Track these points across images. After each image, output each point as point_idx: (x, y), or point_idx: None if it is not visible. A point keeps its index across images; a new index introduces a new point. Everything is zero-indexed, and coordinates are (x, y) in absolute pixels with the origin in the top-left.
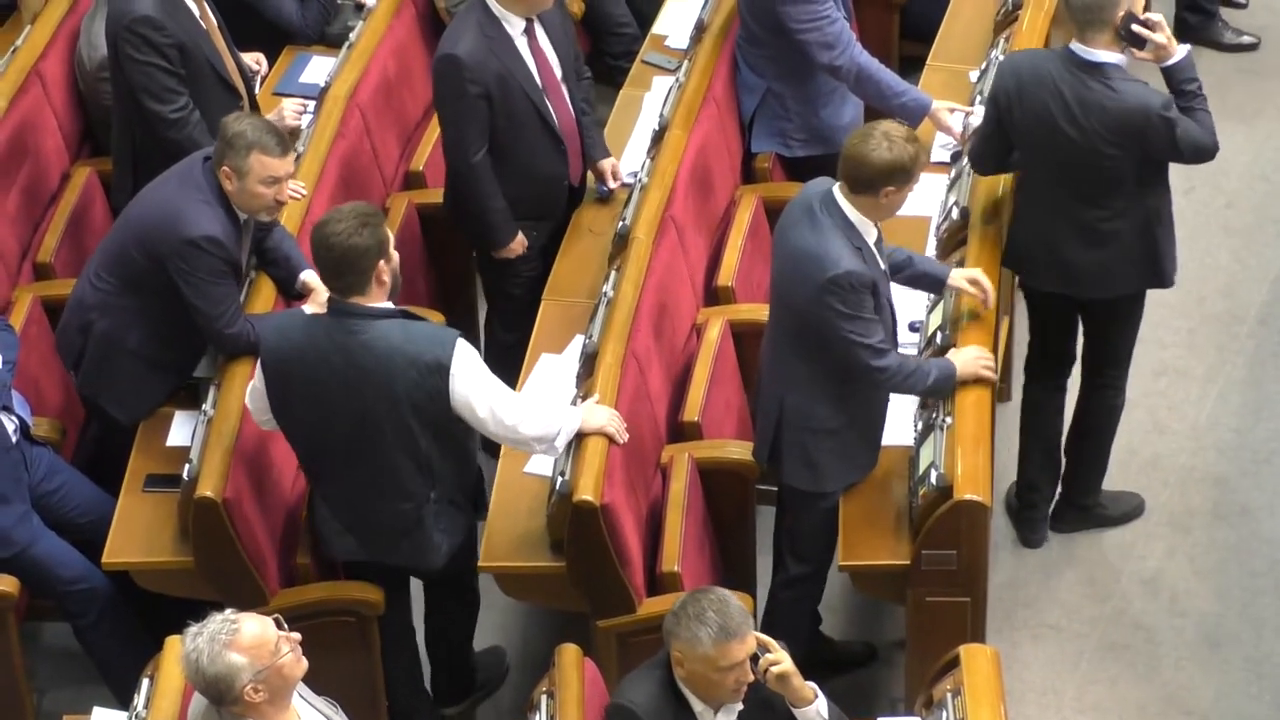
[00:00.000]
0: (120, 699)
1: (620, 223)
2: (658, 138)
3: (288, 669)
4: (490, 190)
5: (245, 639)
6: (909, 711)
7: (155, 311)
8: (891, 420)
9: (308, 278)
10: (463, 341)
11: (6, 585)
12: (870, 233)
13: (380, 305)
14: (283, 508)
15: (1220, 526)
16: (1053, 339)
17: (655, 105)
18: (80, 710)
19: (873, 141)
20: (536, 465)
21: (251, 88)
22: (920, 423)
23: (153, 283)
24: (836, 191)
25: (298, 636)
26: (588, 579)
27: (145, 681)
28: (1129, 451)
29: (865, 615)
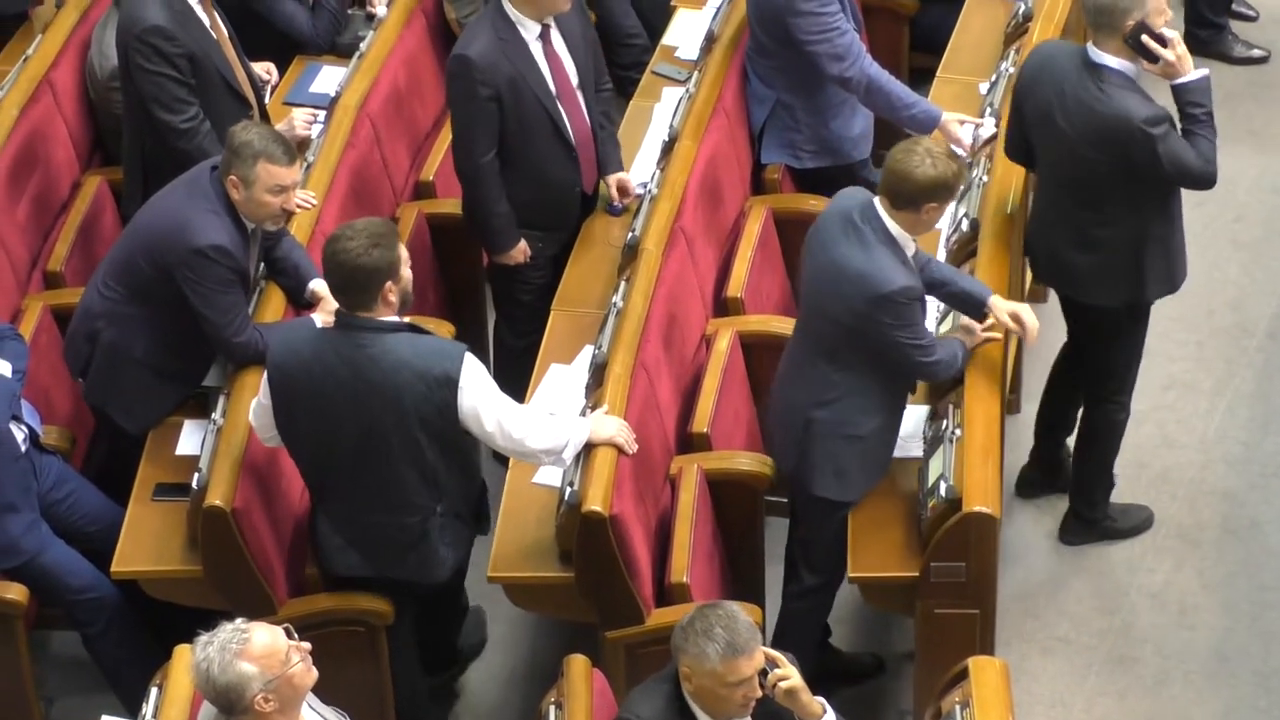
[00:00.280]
0: (129, 708)
1: (630, 233)
2: (667, 149)
3: (298, 679)
4: (495, 194)
5: (256, 648)
6: None
7: (162, 320)
8: (900, 434)
9: (316, 287)
10: (470, 355)
11: (15, 594)
12: (909, 246)
13: (388, 319)
14: (292, 517)
15: (1229, 540)
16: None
17: (665, 116)
18: (89, 719)
19: (916, 158)
20: (545, 475)
21: (262, 97)
22: (929, 434)
23: (160, 292)
24: (877, 204)
25: (308, 646)
26: (596, 590)
27: (154, 690)
28: (1138, 465)
29: (874, 627)
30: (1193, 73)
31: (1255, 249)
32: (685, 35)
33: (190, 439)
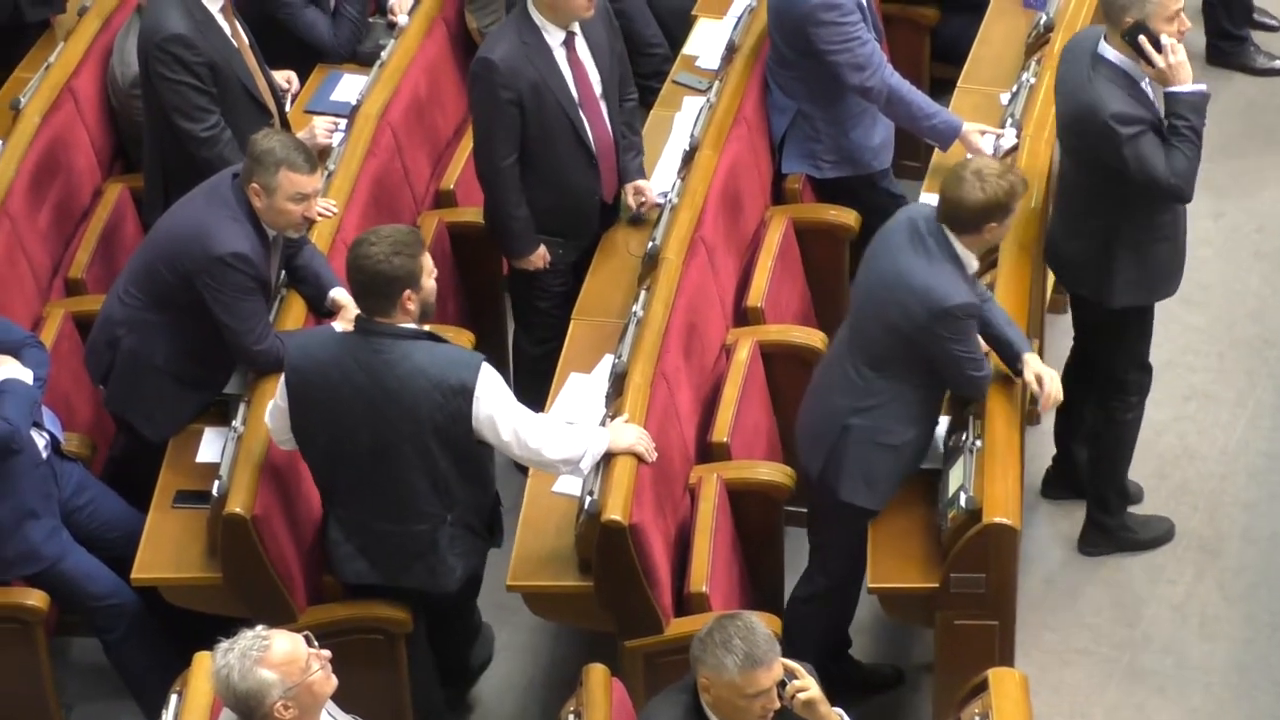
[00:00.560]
0: (149, 714)
1: (650, 243)
2: (688, 158)
3: (317, 686)
4: (514, 199)
5: (276, 656)
6: None
7: (183, 328)
8: None
9: (337, 295)
10: (487, 365)
11: (36, 600)
12: (972, 264)
13: (406, 326)
14: (311, 525)
15: (1250, 551)
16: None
17: (686, 125)
18: None
19: (966, 184)
20: (565, 485)
21: (282, 106)
22: (949, 445)
23: (181, 299)
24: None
25: (328, 654)
26: (615, 599)
27: (174, 697)
28: (1159, 476)
29: (893, 638)
30: (1187, 85)
31: (1276, 260)
32: (706, 45)
33: (211, 446)
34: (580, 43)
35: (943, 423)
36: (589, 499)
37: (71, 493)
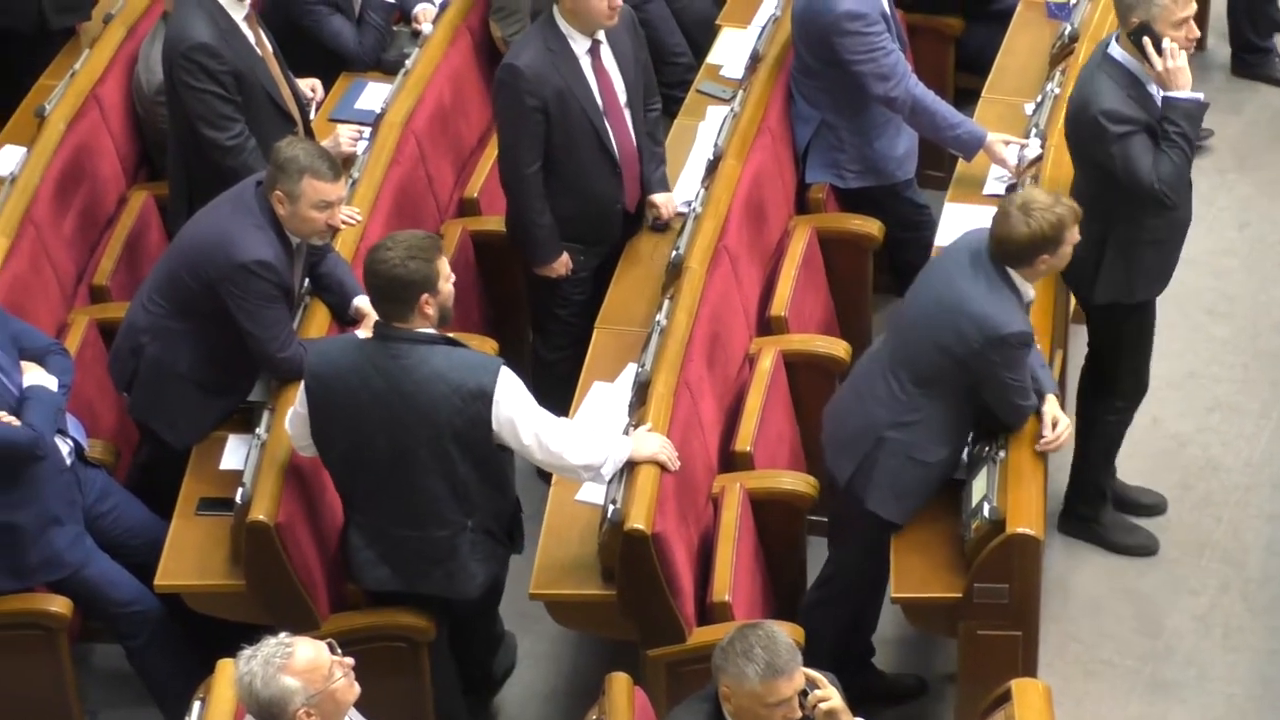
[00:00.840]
0: None
1: (674, 252)
2: (712, 167)
3: (341, 694)
4: (538, 206)
5: (299, 663)
6: None
7: (206, 335)
8: None
9: (360, 303)
10: (506, 369)
11: (59, 607)
12: (1029, 295)
13: (425, 331)
14: (334, 532)
15: (1274, 563)
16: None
17: (710, 135)
18: None
19: (1012, 219)
20: (588, 493)
21: (306, 114)
22: (972, 456)
23: (204, 307)
24: None
25: (351, 661)
26: (638, 608)
27: (197, 704)
28: (1183, 487)
29: (916, 648)
30: (1184, 91)
31: None
32: (730, 54)
33: (234, 454)
34: (605, 51)
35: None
36: (612, 508)
37: (95, 499)
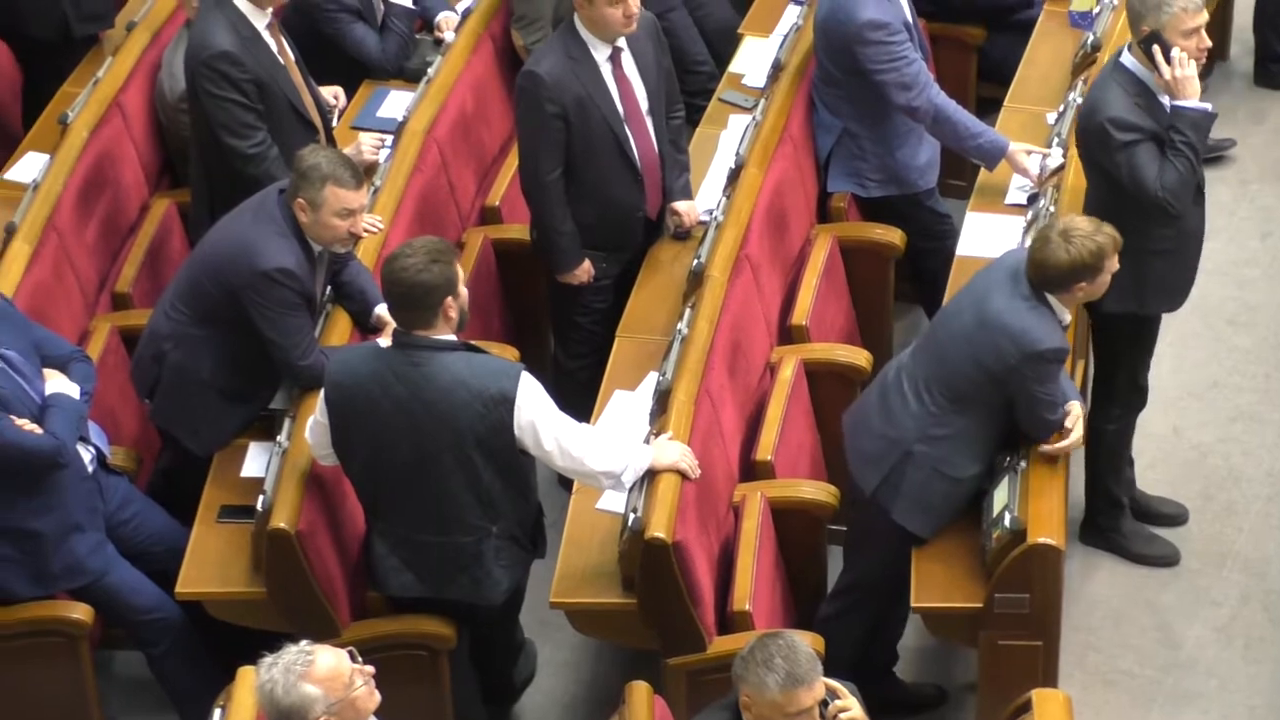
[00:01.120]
0: None
1: (695, 260)
2: (734, 176)
3: (361, 702)
4: (560, 213)
5: (320, 671)
6: None
7: (228, 343)
8: None
9: (382, 312)
10: (527, 375)
11: (81, 614)
12: (1066, 319)
13: (445, 338)
14: (355, 540)
15: None
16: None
17: (731, 143)
18: None
19: (1051, 245)
20: (609, 501)
21: (329, 122)
22: (994, 465)
23: (226, 314)
24: None
25: (371, 669)
26: (659, 616)
27: (217, 711)
28: (1204, 497)
29: (937, 658)
30: (1192, 101)
31: None
32: (752, 63)
33: (256, 461)
34: (627, 58)
35: None
36: (633, 516)
37: (117, 507)
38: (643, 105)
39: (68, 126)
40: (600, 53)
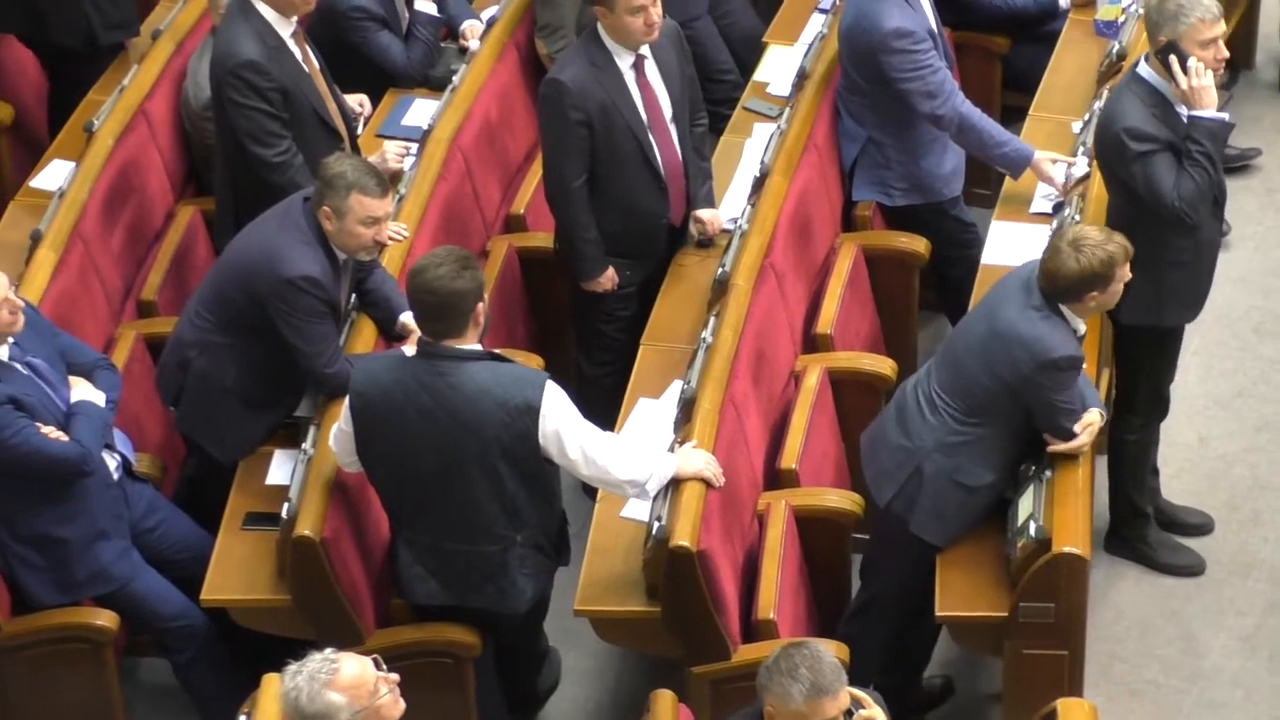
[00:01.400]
0: None
1: (720, 269)
2: (758, 184)
3: (386, 710)
4: (584, 220)
5: (344, 679)
6: None
7: (253, 350)
8: None
9: (407, 319)
10: (552, 383)
11: (106, 621)
12: (1080, 329)
13: (469, 347)
14: (380, 548)
15: None
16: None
17: (756, 152)
18: None
19: (1062, 254)
20: (633, 509)
21: (353, 130)
22: (1019, 474)
23: (251, 322)
24: None
25: (396, 677)
26: (683, 625)
27: (242, 718)
28: (1230, 507)
29: (961, 667)
30: (1209, 111)
31: None
32: (777, 71)
33: (281, 469)
34: (650, 66)
35: None
36: (657, 524)
37: (142, 514)
38: (666, 113)
39: (93, 134)
40: (624, 60)
